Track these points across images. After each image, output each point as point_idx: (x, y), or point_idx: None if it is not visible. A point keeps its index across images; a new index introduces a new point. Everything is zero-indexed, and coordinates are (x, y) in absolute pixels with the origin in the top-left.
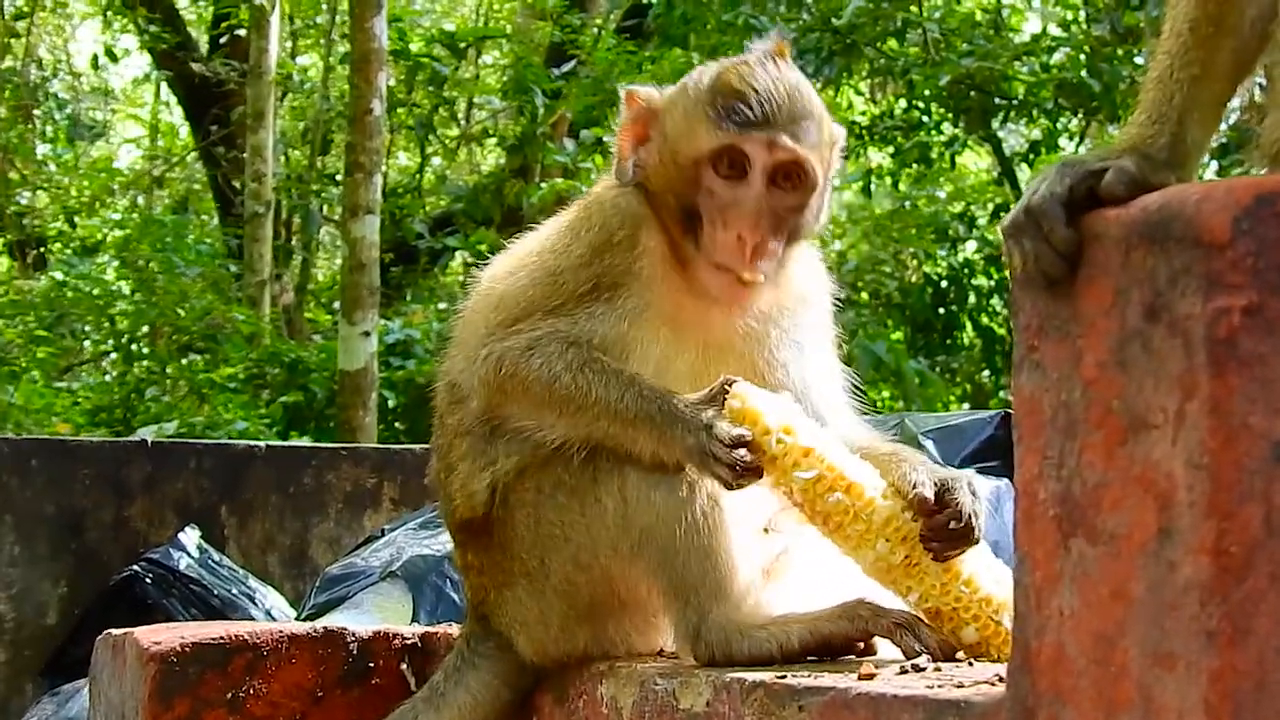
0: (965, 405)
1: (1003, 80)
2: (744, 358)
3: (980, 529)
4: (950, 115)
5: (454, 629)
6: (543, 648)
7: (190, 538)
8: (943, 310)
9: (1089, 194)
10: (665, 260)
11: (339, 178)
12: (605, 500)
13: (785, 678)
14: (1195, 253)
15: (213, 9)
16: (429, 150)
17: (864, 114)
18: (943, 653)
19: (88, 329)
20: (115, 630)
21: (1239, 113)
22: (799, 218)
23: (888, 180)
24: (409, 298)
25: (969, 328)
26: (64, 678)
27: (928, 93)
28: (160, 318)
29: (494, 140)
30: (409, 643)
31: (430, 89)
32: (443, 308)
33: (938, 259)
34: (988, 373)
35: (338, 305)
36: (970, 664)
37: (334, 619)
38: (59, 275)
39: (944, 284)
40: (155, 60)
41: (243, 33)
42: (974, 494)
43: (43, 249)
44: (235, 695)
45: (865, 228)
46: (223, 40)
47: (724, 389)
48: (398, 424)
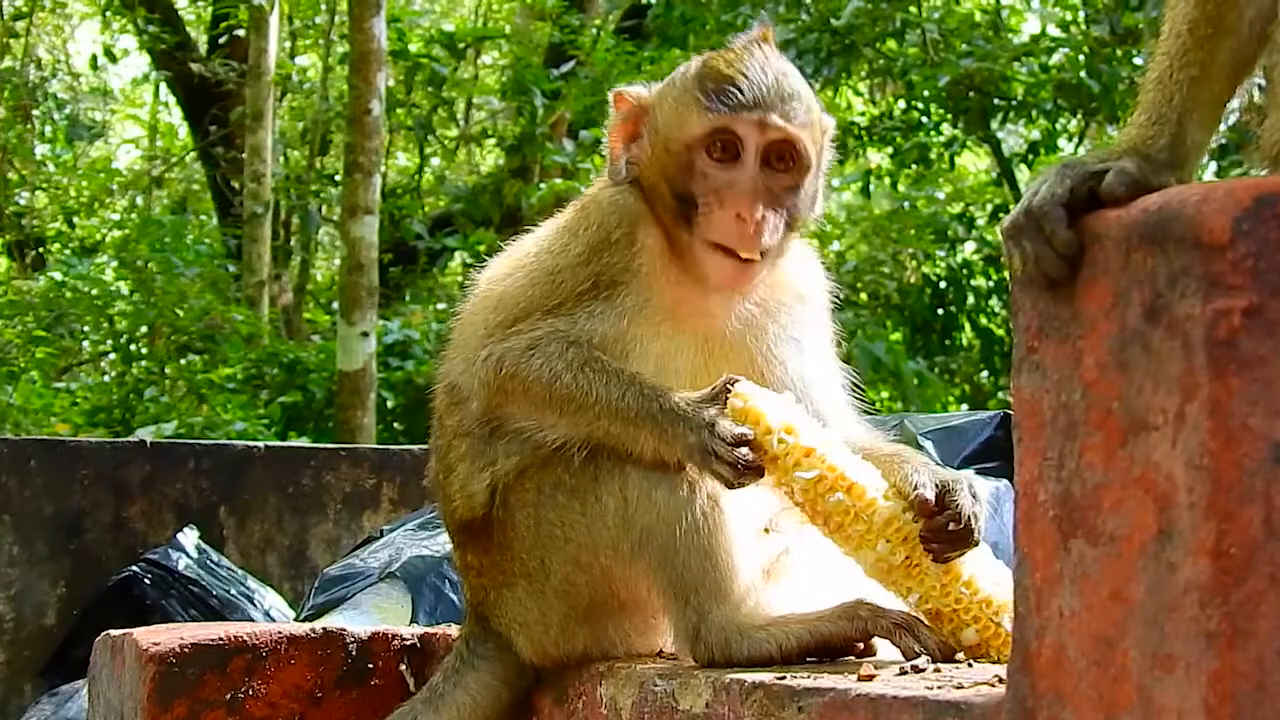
0: (964, 406)
1: (1002, 81)
2: (743, 354)
3: (980, 531)
4: (949, 116)
5: (453, 630)
6: (542, 648)
7: (189, 538)
8: (941, 311)
9: (1089, 195)
10: (664, 256)
11: (338, 178)
12: (606, 500)
13: (785, 679)
14: (1195, 254)
15: (212, 9)
16: (428, 151)
17: (863, 115)
18: (942, 654)
19: (86, 329)
20: (114, 631)
21: (1238, 114)
22: (794, 198)
23: (887, 181)
24: (408, 298)
25: (968, 328)
26: (63, 678)
27: (927, 93)
28: (159, 318)
29: (493, 141)
30: (408, 644)
31: (429, 89)
32: (442, 308)
33: (936, 260)
34: (986, 373)
35: (336, 306)
36: (970, 665)
37: (333, 620)
38: (58, 275)
39: (943, 285)
40: (154, 60)
41: (242, 33)
42: (974, 496)
43: (41, 249)
44: (234, 696)
45: (864, 228)
46: (222, 40)
47: (726, 388)
48: (396, 424)
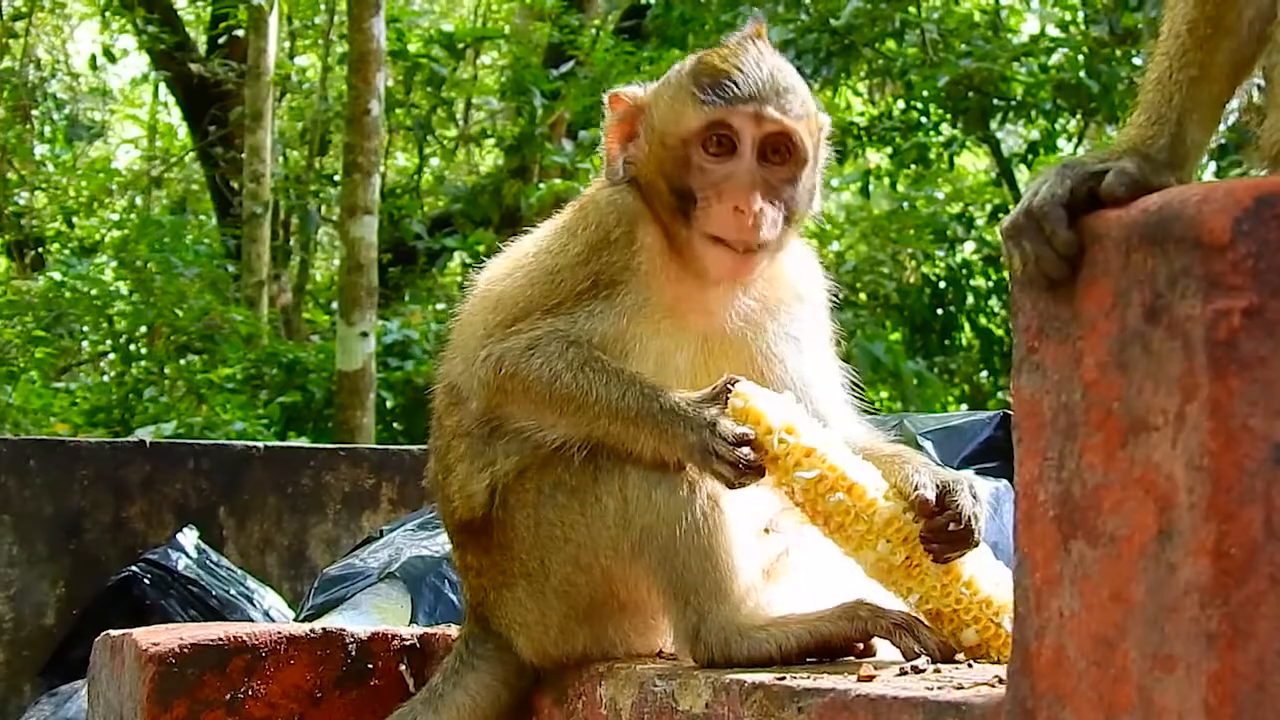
0: (963, 406)
1: (1001, 81)
2: (743, 353)
3: (980, 532)
4: (948, 116)
5: (453, 630)
6: (542, 649)
7: (188, 538)
8: (941, 311)
9: (1089, 195)
10: (663, 255)
11: (337, 178)
12: (606, 500)
13: (784, 679)
14: (1195, 254)
15: (211, 9)
16: (427, 151)
17: (862, 115)
18: (942, 654)
19: (86, 329)
20: (114, 631)
21: (1237, 114)
22: (791, 191)
23: (886, 181)
24: (407, 298)
25: (967, 328)
26: (62, 678)
27: (926, 93)
28: (158, 318)
29: (492, 141)
30: (408, 644)
31: (428, 89)
32: (441, 308)
33: (936, 260)
34: (986, 373)
35: (336, 306)
36: (970, 666)
37: (332, 620)
38: (57, 275)
39: (942, 285)
40: (153, 61)
41: (241, 33)
42: (975, 497)
43: (41, 249)
44: (234, 696)
45: (863, 228)
46: (221, 40)
47: (727, 388)
48: (396, 424)
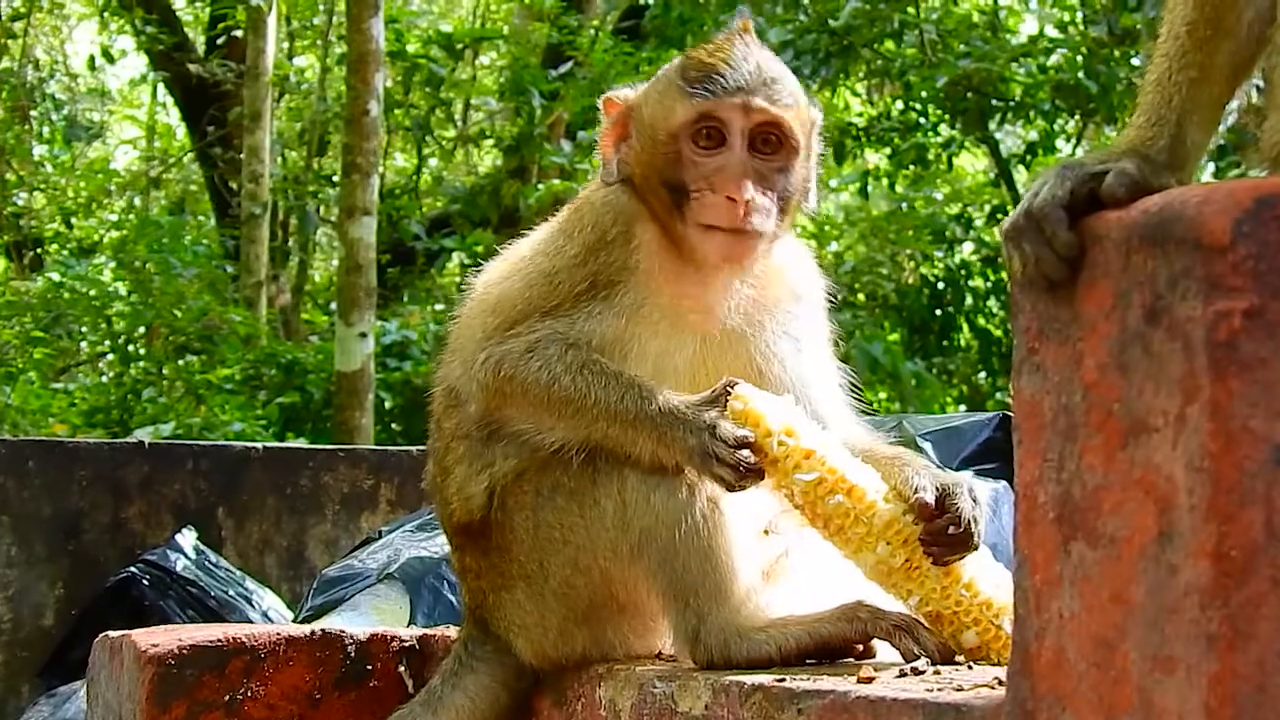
0: (962, 406)
1: (1000, 82)
2: (741, 352)
3: (980, 534)
4: (947, 116)
5: (452, 631)
6: (541, 650)
7: (187, 539)
8: (939, 311)
9: (1089, 196)
10: (661, 253)
11: (336, 179)
12: (604, 503)
13: (784, 681)
14: (1196, 255)
15: (210, 10)
16: (426, 151)
17: (861, 115)
18: (942, 656)
19: (84, 330)
20: (113, 633)
21: (1236, 115)
22: (784, 181)
23: (885, 182)
24: (406, 299)
25: (966, 329)
26: (61, 679)
27: (925, 94)
28: (157, 319)
29: (491, 141)
30: (407, 645)
31: (427, 90)
32: (440, 309)
33: (935, 260)
34: (984, 374)
35: (334, 306)
36: (969, 667)
37: (331, 621)
38: (55, 276)
39: (941, 285)
40: (152, 61)
41: (240, 34)
42: (974, 500)
43: (39, 250)
44: (233, 698)
45: (862, 229)
46: (220, 41)
47: (726, 390)
48: (394, 425)
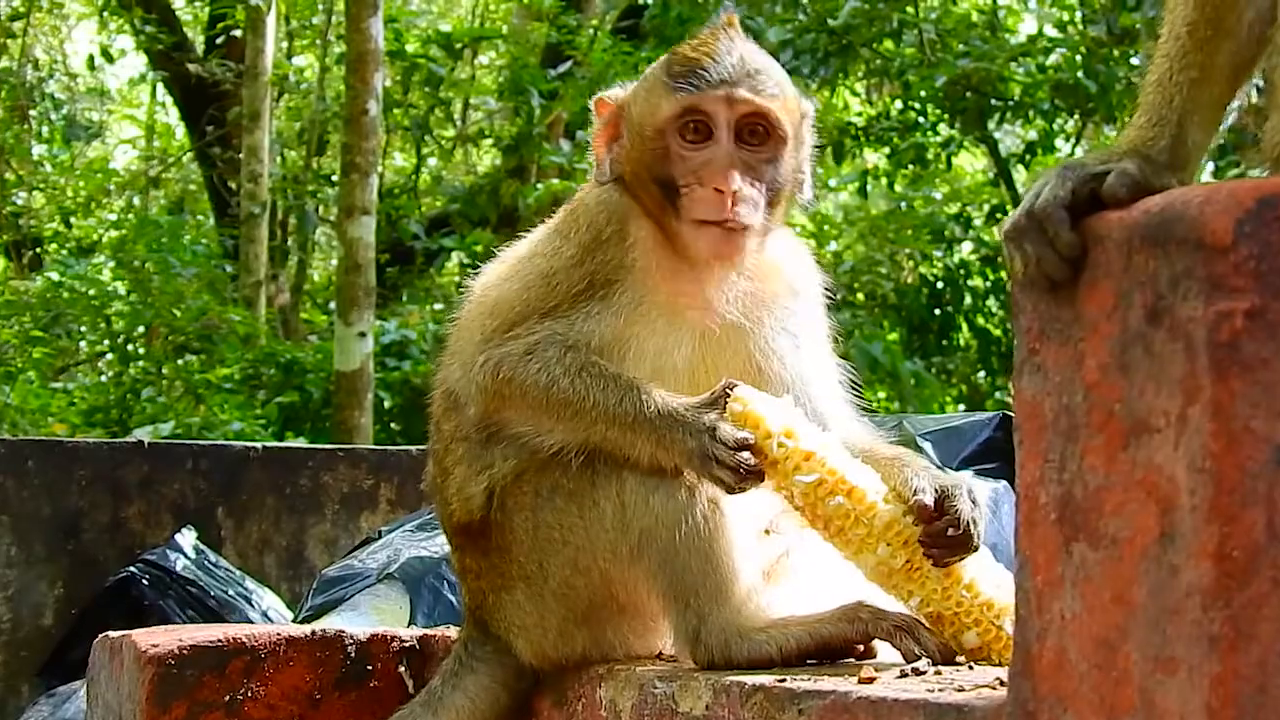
0: (961, 406)
1: (999, 81)
2: (740, 350)
3: (979, 536)
4: (946, 116)
5: (452, 631)
6: (541, 651)
7: (187, 539)
8: (939, 311)
9: (1091, 197)
10: (656, 250)
11: (335, 178)
12: (603, 504)
13: (785, 681)
14: (1197, 255)
15: (209, 9)
16: (425, 151)
17: (860, 115)
18: (943, 656)
19: (83, 329)
20: (112, 633)
21: (1236, 114)
22: (773, 171)
23: (884, 181)
24: (405, 298)
25: (965, 329)
26: (60, 679)
27: (924, 94)
28: (156, 318)
29: (490, 141)
30: (407, 645)
31: (426, 90)
32: (439, 308)
33: (934, 260)
34: (984, 373)
35: (334, 306)
36: (970, 668)
37: (331, 621)
38: (55, 276)
39: (940, 285)
40: (151, 61)
41: (239, 33)
42: (974, 501)
43: (38, 249)
44: (233, 698)
45: (861, 229)
46: (219, 41)
47: (725, 392)
48: (393, 425)
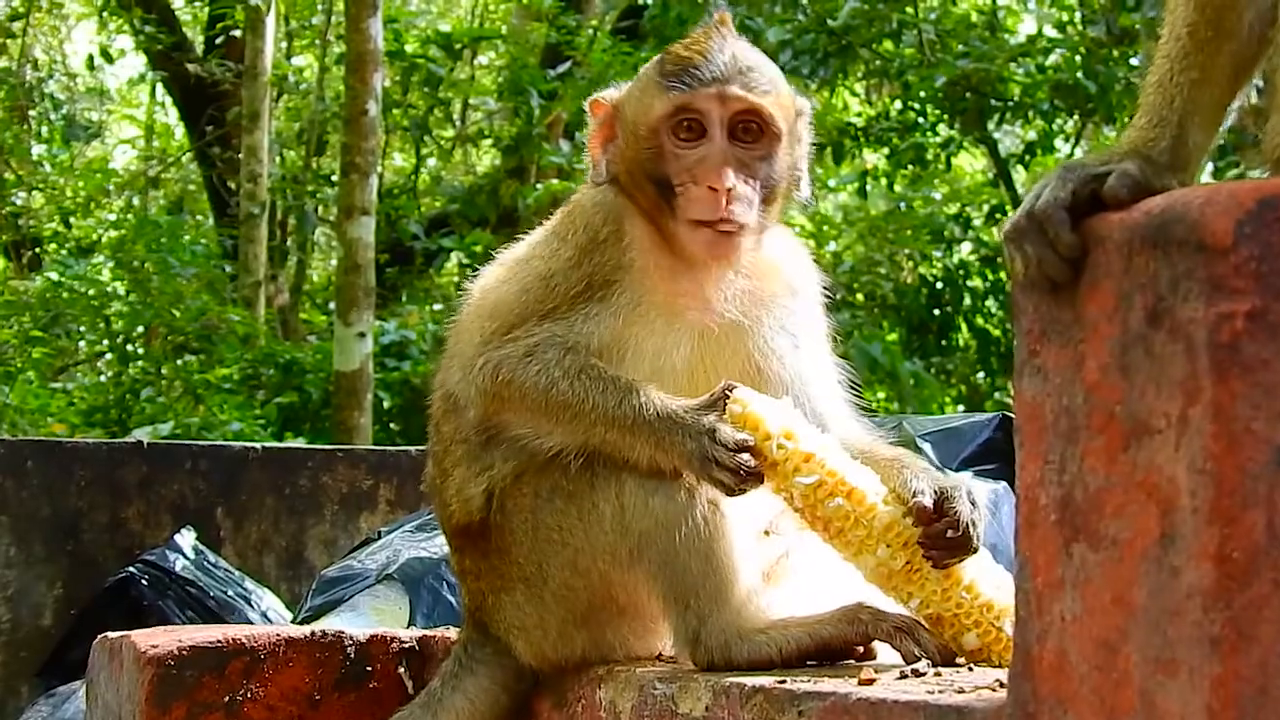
0: (960, 406)
1: (998, 81)
2: (739, 349)
3: (979, 538)
4: (946, 116)
5: (451, 632)
6: (541, 652)
7: (186, 539)
8: (938, 311)
9: (1092, 198)
10: (654, 250)
11: (334, 178)
12: (602, 506)
13: (785, 682)
14: (1198, 257)
15: (208, 9)
16: (424, 151)
17: (859, 115)
18: (943, 658)
19: (83, 329)
20: (112, 634)
21: (1235, 115)
22: (768, 169)
23: (883, 182)
24: (404, 299)
25: (964, 329)
26: (60, 679)
27: (923, 94)
28: (155, 318)
29: (489, 141)
30: (406, 646)
31: (426, 90)
32: (438, 309)
33: (933, 260)
34: (983, 374)
35: (333, 306)
36: (970, 669)
37: (330, 622)
38: (54, 276)
39: (939, 285)
40: (151, 61)
41: (238, 33)
42: (973, 503)
43: (38, 249)
44: (232, 699)
45: (861, 229)
46: (218, 41)
47: (725, 394)
48: (393, 425)
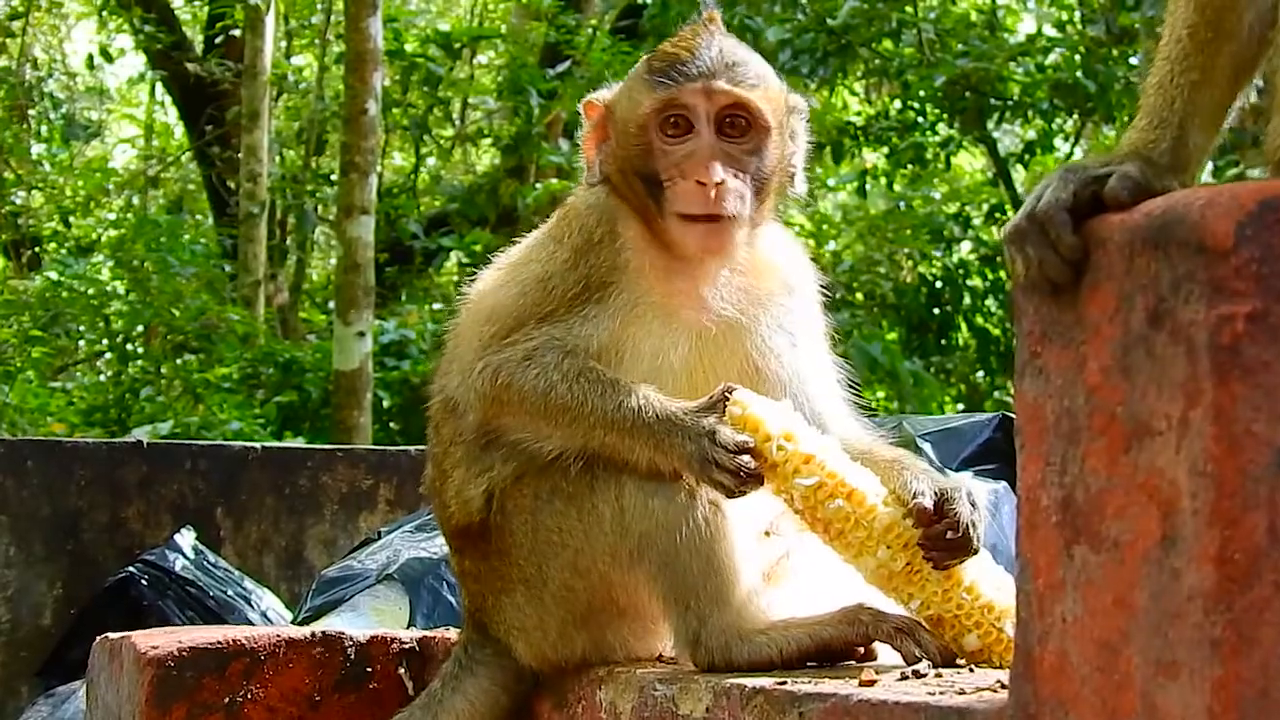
0: (960, 406)
1: (998, 81)
2: (737, 348)
3: (979, 539)
4: (945, 116)
5: (451, 633)
6: (541, 653)
7: (186, 539)
8: (938, 311)
9: (1092, 199)
10: (649, 248)
11: (334, 178)
12: (602, 508)
13: (785, 684)
14: (1199, 259)
15: (208, 9)
16: (424, 150)
17: (859, 114)
18: (943, 659)
19: (82, 329)
20: (112, 634)
21: (1235, 114)
22: (757, 162)
23: (883, 181)
24: (404, 298)
25: (964, 328)
26: (60, 679)
27: (923, 93)
28: (155, 318)
29: (489, 140)
30: (407, 647)
31: (425, 89)
32: (438, 308)
33: (933, 259)
34: (982, 373)
35: (332, 305)
36: (971, 670)
37: (330, 622)
38: (54, 275)
39: (939, 284)
40: (150, 60)
41: (238, 33)
42: (973, 504)
43: (37, 249)
44: (232, 700)
45: (860, 228)
46: (218, 40)
47: (724, 396)
48: (392, 424)
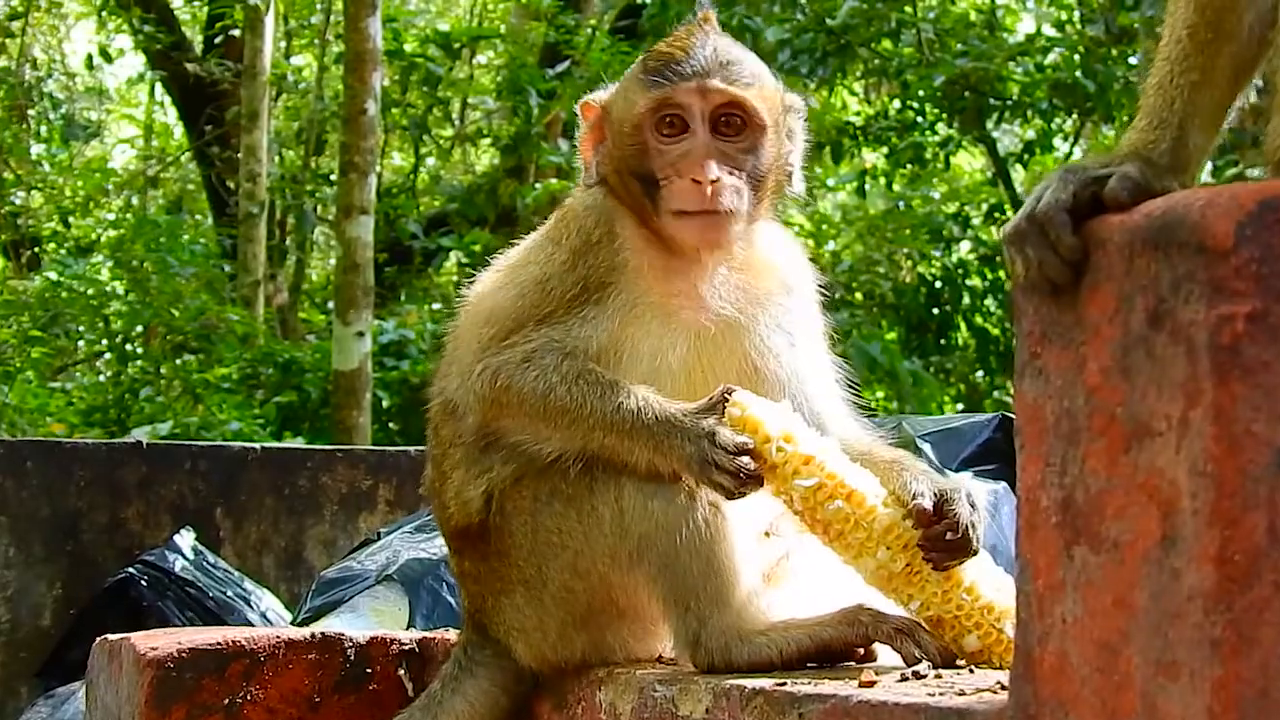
0: (959, 406)
1: (997, 80)
2: (736, 348)
3: (978, 540)
4: (945, 116)
5: (451, 634)
6: (541, 654)
7: (185, 540)
8: (937, 311)
9: (1092, 200)
10: (647, 248)
11: (333, 178)
12: (601, 509)
13: (785, 685)
14: (1199, 259)
15: (207, 9)
16: (423, 150)
17: (858, 114)
18: (943, 659)
19: (82, 329)
20: (111, 635)
21: (1235, 114)
22: (753, 160)
23: (882, 181)
24: (403, 298)
25: (963, 328)
26: (59, 680)
27: (922, 93)
28: (154, 318)
29: (488, 140)
30: (406, 648)
31: (425, 89)
32: (437, 308)
33: (932, 259)
34: (982, 373)
35: (332, 305)
36: (971, 671)
37: (330, 623)
38: (53, 275)
39: (938, 284)
40: (150, 60)
41: (237, 33)
42: (972, 505)
43: (37, 249)
44: (232, 701)
45: (859, 228)
46: (217, 40)
47: (724, 397)
48: (392, 424)
